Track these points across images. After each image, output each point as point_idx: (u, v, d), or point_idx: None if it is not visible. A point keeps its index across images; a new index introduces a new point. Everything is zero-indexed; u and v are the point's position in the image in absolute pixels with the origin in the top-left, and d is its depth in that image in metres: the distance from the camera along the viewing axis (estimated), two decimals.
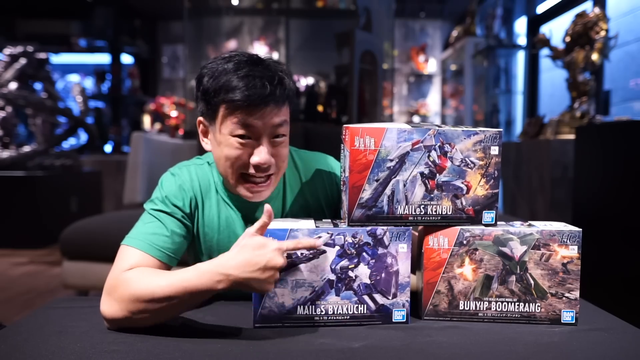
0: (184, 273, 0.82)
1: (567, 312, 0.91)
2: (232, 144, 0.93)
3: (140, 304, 0.82)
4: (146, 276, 0.85)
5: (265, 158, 0.93)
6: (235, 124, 0.91)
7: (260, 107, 0.90)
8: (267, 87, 0.90)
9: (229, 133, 0.92)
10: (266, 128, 0.92)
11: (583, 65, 2.80)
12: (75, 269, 2.24)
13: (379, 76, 3.71)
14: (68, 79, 7.43)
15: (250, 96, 0.89)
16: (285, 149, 0.98)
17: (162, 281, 0.82)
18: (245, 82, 0.90)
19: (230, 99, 0.90)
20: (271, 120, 0.92)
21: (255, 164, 0.93)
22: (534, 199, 2.79)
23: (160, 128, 5.25)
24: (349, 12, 4.21)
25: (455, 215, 0.91)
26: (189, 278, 0.81)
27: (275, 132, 0.94)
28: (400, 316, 0.91)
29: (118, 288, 0.85)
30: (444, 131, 0.89)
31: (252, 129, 0.92)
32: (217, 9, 4.55)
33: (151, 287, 0.82)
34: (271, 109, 0.91)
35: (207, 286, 0.80)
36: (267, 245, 0.80)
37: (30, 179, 3.84)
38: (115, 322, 0.86)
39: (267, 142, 0.94)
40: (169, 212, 0.98)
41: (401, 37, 6.27)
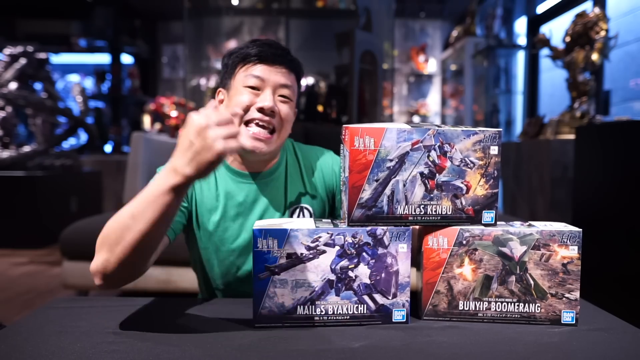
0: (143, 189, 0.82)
1: (567, 313, 0.91)
2: (241, 92, 1.04)
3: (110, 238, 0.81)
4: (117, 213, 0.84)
5: (269, 103, 1.02)
6: (248, 75, 1.04)
7: (270, 62, 1.04)
8: (279, 50, 1.06)
9: (242, 84, 1.04)
10: (274, 81, 1.04)
11: (583, 65, 2.80)
12: (75, 269, 2.24)
13: (379, 76, 3.71)
14: (68, 79, 7.43)
15: (264, 51, 1.04)
16: (288, 110, 1.06)
17: (125, 207, 0.82)
18: (261, 46, 1.05)
19: (246, 54, 1.05)
20: (279, 78, 1.05)
21: (260, 106, 1.02)
22: (534, 199, 2.79)
23: (160, 128, 5.25)
24: (349, 12, 4.21)
25: (455, 215, 0.91)
26: (146, 190, 0.81)
27: (282, 91, 1.05)
28: (400, 316, 0.91)
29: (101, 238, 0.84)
30: (444, 131, 0.89)
31: (261, 80, 1.04)
32: (217, 9, 4.55)
33: (116, 217, 0.82)
34: (279, 69, 1.05)
35: (162, 186, 0.78)
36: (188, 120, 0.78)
37: (30, 179, 3.84)
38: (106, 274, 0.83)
39: (272, 93, 1.04)
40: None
41: (401, 37, 6.27)
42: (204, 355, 0.77)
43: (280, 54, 1.06)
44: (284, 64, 1.05)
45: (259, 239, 0.86)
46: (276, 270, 0.87)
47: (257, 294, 0.88)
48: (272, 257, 0.87)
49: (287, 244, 0.87)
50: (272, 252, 0.87)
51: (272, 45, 1.06)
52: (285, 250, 0.87)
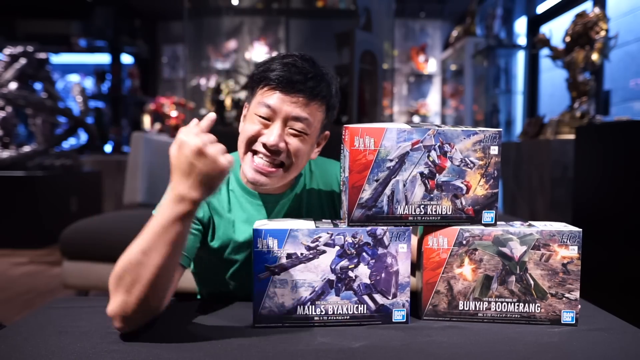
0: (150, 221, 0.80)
1: (567, 313, 0.91)
2: (253, 120, 0.97)
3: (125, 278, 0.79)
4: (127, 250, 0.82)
5: (275, 140, 0.93)
6: (261, 103, 0.95)
7: (287, 92, 0.94)
8: (300, 76, 0.94)
9: (254, 111, 0.97)
10: (285, 113, 0.94)
11: (583, 65, 2.80)
12: (75, 269, 2.24)
13: (379, 76, 3.71)
14: (68, 79, 7.43)
15: (282, 77, 0.93)
16: (301, 145, 0.97)
17: (134, 243, 0.80)
18: (283, 66, 0.95)
19: (265, 77, 0.95)
20: (293, 109, 0.94)
21: (264, 142, 0.95)
22: (534, 199, 2.79)
23: (160, 128, 5.25)
24: (349, 12, 4.21)
25: (455, 215, 0.91)
26: (153, 222, 0.78)
27: (294, 124, 0.95)
28: (400, 316, 0.91)
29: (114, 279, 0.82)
30: (444, 131, 0.89)
31: (273, 111, 0.94)
32: (217, 9, 4.55)
33: (126, 255, 0.80)
34: (297, 98, 0.94)
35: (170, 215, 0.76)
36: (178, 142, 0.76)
37: (30, 179, 3.84)
38: (126, 317, 0.80)
39: (281, 127, 0.95)
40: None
41: (401, 37, 6.27)
42: (204, 355, 0.77)
43: (301, 80, 0.93)
44: (303, 92, 0.94)
45: (259, 239, 0.86)
46: (276, 270, 0.87)
47: (257, 294, 0.88)
48: (272, 257, 0.87)
49: (287, 244, 0.87)
50: (272, 252, 0.87)
51: (296, 67, 0.95)
52: (285, 250, 0.87)
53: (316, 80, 0.95)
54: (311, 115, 0.96)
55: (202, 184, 0.74)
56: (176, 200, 0.76)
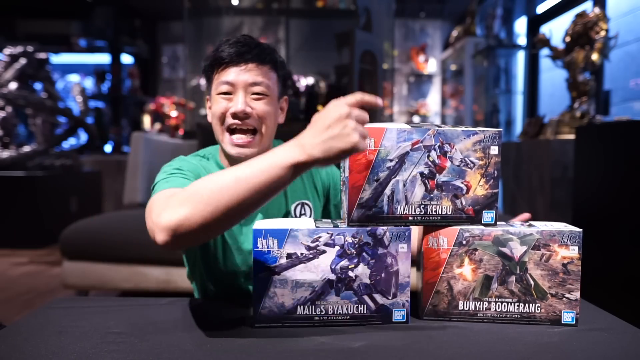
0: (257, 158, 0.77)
1: (567, 313, 0.91)
2: (217, 100, 1.04)
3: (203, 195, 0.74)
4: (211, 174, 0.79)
5: (241, 106, 1.01)
6: (219, 83, 1.04)
7: (237, 63, 1.02)
8: (246, 47, 1.03)
9: (215, 92, 1.05)
10: (242, 82, 1.02)
11: (583, 65, 2.80)
12: (75, 269, 2.24)
13: (379, 76, 3.71)
14: (68, 79, 7.43)
15: (231, 53, 1.02)
16: (266, 107, 1.04)
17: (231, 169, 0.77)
18: (230, 46, 1.04)
19: (216, 58, 1.04)
20: (247, 76, 1.02)
21: (232, 112, 1.02)
22: (534, 199, 2.79)
23: (160, 128, 5.25)
24: (349, 12, 4.21)
25: (455, 215, 0.91)
26: (263, 157, 0.76)
27: (252, 89, 1.03)
28: (400, 316, 0.91)
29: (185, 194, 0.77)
30: (444, 131, 0.89)
31: (231, 85, 1.03)
32: (217, 9, 4.55)
33: (217, 175, 0.77)
34: (249, 67, 1.02)
35: (284, 158, 0.73)
36: (327, 108, 0.74)
37: (30, 179, 3.84)
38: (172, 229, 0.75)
39: (243, 95, 1.03)
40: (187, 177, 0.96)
41: (401, 37, 6.27)
42: (204, 355, 0.77)
43: (247, 50, 1.02)
44: (252, 59, 1.03)
45: (259, 239, 0.86)
46: (276, 270, 0.87)
47: (257, 294, 0.88)
48: (272, 257, 0.87)
49: (287, 244, 0.87)
50: (272, 252, 0.87)
51: (239, 42, 1.04)
52: (285, 250, 0.87)
53: (261, 48, 1.05)
54: (266, 78, 1.04)
55: (326, 148, 0.73)
56: (296, 147, 0.75)
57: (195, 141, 2.92)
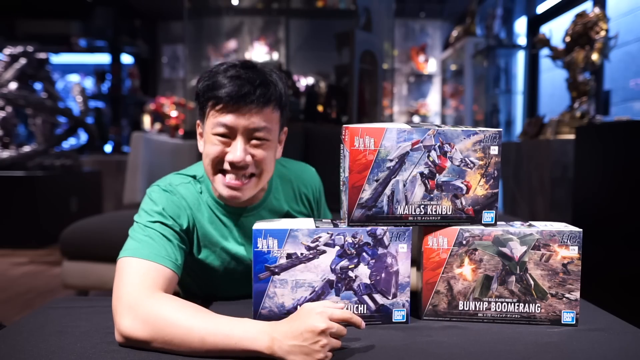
0: (229, 322, 0.78)
1: (567, 313, 0.91)
2: (212, 141, 0.96)
3: (167, 334, 0.77)
4: (181, 308, 0.80)
5: (240, 156, 0.94)
6: (216, 122, 0.95)
7: (238, 106, 0.93)
8: (247, 87, 0.93)
9: (211, 131, 0.96)
10: (243, 128, 0.94)
11: (583, 65, 2.80)
12: (75, 269, 2.23)
13: (379, 76, 3.71)
14: (68, 79, 7.43)
15: (230, 93, 0.92)
16: (266, 152, 0.98)
17: (201, 322, 0.77)
18: (229, 81, 0.93)
19: (213, 95, 0.94)
20: (249, 121, 0.94)
21: (230, 161, 0.95)
22: (534, 199, 2.79)
23: (160, 128, 5.25)
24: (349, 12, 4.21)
25: (455, 215, 0.91)
26: (234, 330, 0.76)
27: (253, 134, 0.95)
28: (400, 316, 0.91)
29: (144, 309, 0.79)
30: (444, 131, 0.89)
31: (230, 128, 0.94)
32: (217, 9, 4.55)
33: (187, 323, 0.77)
34: (250, 109, 0.94)
35: (250, 345, 0.74)
36: (312, 310, 0.75)
37: (30, 179, 3.84)
38: (132, 341, 0.79)
39: (243, 141, 0.95)
40: (169, 225, 0.95)
41: (401, 37, 6.27)
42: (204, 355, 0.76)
43: (250, 91, 0.92)
44: (254, 102, 0.93)
45: (259, 239, 0.86)
46: (276, 270, 0.87)
47: (257, 294, 0.88)
48: (272, 257, 0.87)
49: (287, 244, 0.87)
50: (272, 252, 0.87)
51: (239, 78, 0.93)
52: (285, 250, 0.87)
53: (264, 86, 0.95)
54: (268, 121, 0.96)
55: (291, 353, 0.73)
56: (267, 334, 0.75)
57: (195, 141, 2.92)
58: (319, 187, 1.21)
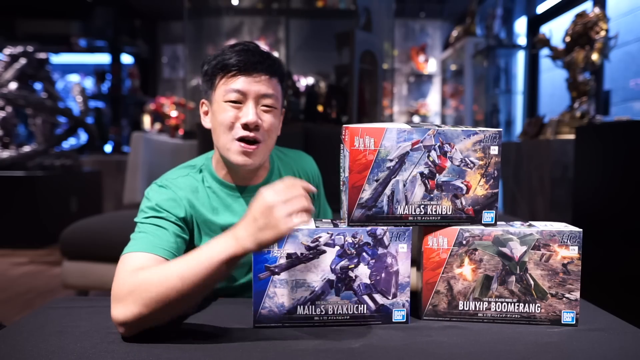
0: (195, 251, 0.81)
1: (567, 313, 0.91)
2: (224, 108, 1.01)
3: (151, 292, 0.78)
4: (155, 267, 0.83)
5: (253, 117, 0.99)
6: (228, 89, 1.01)
7: (249, 72, 1.00)
8: (257, 56, 1.01)
9: (222, 99, 1.01)
10: (255, 93, 1.01)
11: (583, 65, 2.80)
12: (75, 269, 2.24)
13: (379, 76, 3.71)
14: (68, 79, 7.43)
15: (242, 61, 1.00)
16: (273, 120, 1.04)
17: (173, 264, 0.81)
18: (238, 52, 1.01)
19: (224, 65, 1.01)
20: (260, 87, 1.01)
21: (244, 122, 1.00)
22: (534, 199, 2.79)
23: (160, 128, 5.25)
24: (349, 12, 4.21)
25: (455, 215, 0.91)
26: (202, 252, 0.79)
27: (264, 100, 1.02)
28: (400, 316, 0.91)
29: (125, 287, 0.81)
30: (444, 131, 0.89)
31: (242, 94, 1.00)
32: (217, 9, 4.55)
33: (162, 271, 0.80)
34: (260, 77, 1.01)
35: (221, 254, 0.77)
36: (260, 192, 0.78)
37: (30, 179, 3.84)
38: (130, 324, 0.80)
39: (254, 105, 1.01)
40: (163, 217, 0.98)
41: (401, 37, 6.27)
42: (204, 355, 0.77)
43: (260, 60, 1.00)
44: (264, 71, 1.01)
45: None
46: (276, 270, 0.87)
47: (257, 294, 0.88)
48: (272, 257, 0.87)
49: (287, 244, 0.87)
50: (272, 252, 0.87)
51: (250, 50, 1.01)
52: (285, 250, 0.87)
53: (271, 59, 1.03)
54: (275, 90, 1.03)
55: (257, 239, 0.76)
56: (231, 239, 0.78)
57: (195, 141, 2.92)
58: (317, 174, 1.25)
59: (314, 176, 1.24)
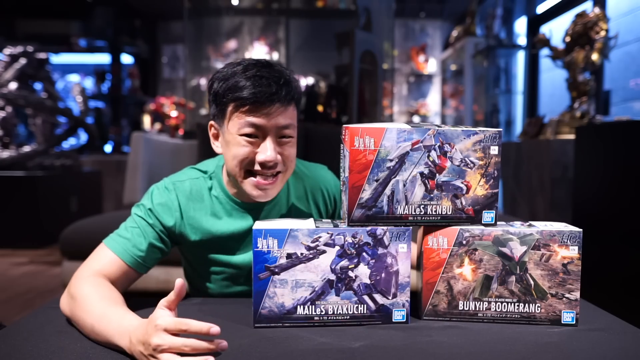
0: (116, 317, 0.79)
1: (567, 313, 0.91)
2: (239, 142, 0.95)
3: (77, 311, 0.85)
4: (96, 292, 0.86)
5: (272, 156, 0.95)
6: (243, 123, 0.94)
7: (266, 106, 0.93)
8: (274, 86, 0.93)
9: (237, 132, 0.95)
10: (272, 127, 0.95)
11: (583, 65, 2.80)
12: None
13: (379, 76, 3.71)
14: (68, 79, 7.43)
15: (257, 94, 0.92)
16: (292, 149, 0.99)
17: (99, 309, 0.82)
18: (252, 82, 0.93)
19: (238, 97, 0.93)
20: (277, 120, 0.94)
21: (262, 161, 0.95)
22: (534, 199, 2.79)
23: (160, 128, 5.26)
24: (349, 12, 4.21)
25: (455, 215, 0.91)
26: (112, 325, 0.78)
27: (282, 132, 0.96)
28: (400, 316, 0.91)
29: (76, 286, 0.89)
30: (444, 131, 0.89)
31: (259, 128, 0.94)
32: (217, 9, 4.55)
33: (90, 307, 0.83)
34: (277, 108, 0.94)
35: (117, 341, 0.76)
36: (151, 320, 0.72)
37: (30, 179, 3.84)
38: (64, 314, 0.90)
39: (273, 141, 0.96)
40: (151, 224, 1.00)
41: (401, 37, 6.27)
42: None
43: (276, 91, 0.92)
44: (280, 101, 0.93)
45: (259, 239, 0.86)
46: (276, 270, 0.87)
47: (257, 294, 0.88)
48: (272, 257, 0.87)
49: (287, 244, 0.87)
50: (272, 252, 0.87)
51: (264, 78, 0.93)
52: (285, 250, 0.87)
53: (286, 84, 0.95)
54: (292, 119, 0.97)
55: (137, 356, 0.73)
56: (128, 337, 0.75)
57: (196, 141, 2.92)
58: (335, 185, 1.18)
59: (330, 190, 1.17)
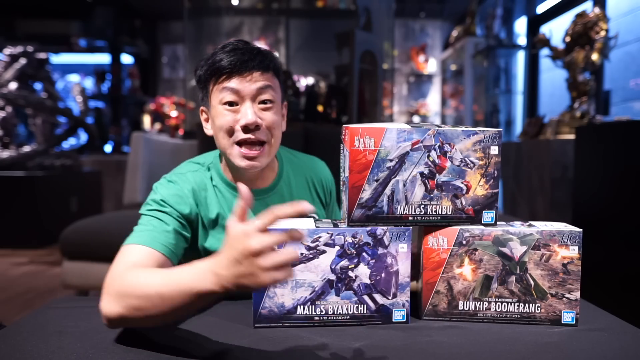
0: (180, 270, 0.75)
1: (567, 313, 0.91)
2: (221, 112, 1.00)
3: (133, 299, 0.76)
4: (143, 272, 0.81)
5: (252, 119, 0.97)
6: (222, 92, 0.99)
7: (242, 71, 0.98)
8: (248, 54, 0.99)
9: (218, 102, 1.00)
10: (250, 91, 0.98)
11: (583, 65, 2.80)
12: (75, 269, 2.24)
13: (379, 76, 3.71)
14: (68, 79, 7.43)
15: (232, 61, 0.97)
16: (275, 117, 1.01)
17: (157, 277, 0.77)
18: (228, 54, 0.99)
19: (216, 68, 0.98)
20: (254, 84, 0.98)
21: (243, 125, 0.98)
22: (534, 199, 2.79)
23: (160, 128, 5.26)
24: (349, 12, 4.21)
25: (455, 215, 0.91)
26: (183, 276, 0.73)
27: (260, 96, 1.00)
28: (400, 316, 0.91)
29: (115, 284, 0.80)
30: (444, 131, 0.89)
31: (237, 93, 0.98)
32: (217, 9, 4.55)
33: (145, 282, 0.77)
34: (253, 74, 0.98)
35: (200, 287, 0.70)
36: (238, 233, 0.67)
37: (30, 179, 3.84)
38: (113, 321, 0.79)
39: (252, 104, 0.99)
40: (167, 212, 0.97)
41: (401, 37, 6.27)
42: (205, 355, 0.77)
43: (250, 58, 0.98)
44: (256, 67, 0.98)
45: None
46: None
47: (257, 294, 0.88)
48: None
49: (287, 243, 0.87)
50: None
51: (240, 49, 0.99)
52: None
53: (262, 54, 1.01)
54: (271, 82, 1.01)
55: (237, 283, 0.68)
56: (211, 274, 0.70)
57: (195, 141, 2.92)
58: (331, 180, 1.22)
59: (327, 183, 1.20)
